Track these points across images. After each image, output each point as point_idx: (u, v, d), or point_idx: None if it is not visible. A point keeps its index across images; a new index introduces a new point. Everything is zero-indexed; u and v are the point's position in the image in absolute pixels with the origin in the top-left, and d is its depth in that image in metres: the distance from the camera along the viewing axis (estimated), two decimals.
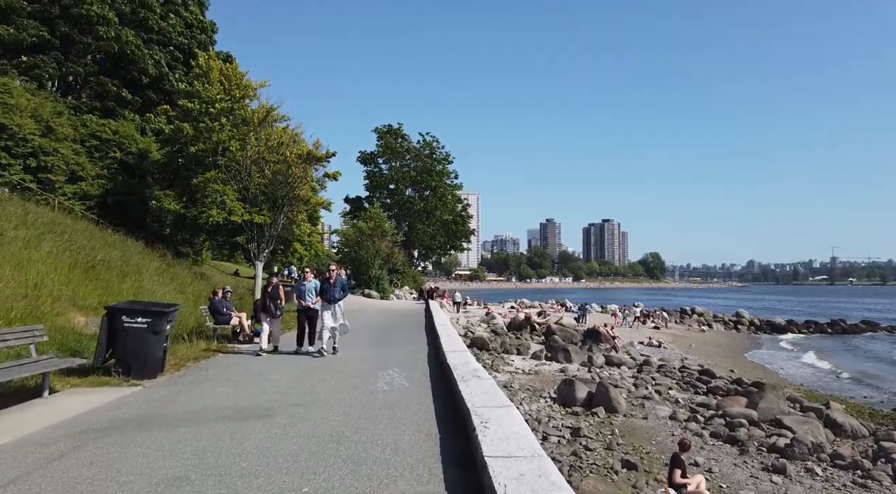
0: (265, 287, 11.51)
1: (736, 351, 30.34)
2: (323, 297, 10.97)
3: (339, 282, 11.07)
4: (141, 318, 7.94)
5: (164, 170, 23.91)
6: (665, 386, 16.96)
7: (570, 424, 12.33)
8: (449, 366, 7.39)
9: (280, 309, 11.48)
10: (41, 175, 20.97)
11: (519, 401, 13.95)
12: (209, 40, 35.09)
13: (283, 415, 6.06)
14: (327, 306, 10.89)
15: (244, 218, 21.26)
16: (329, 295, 10.88)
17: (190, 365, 9.44)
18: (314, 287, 11.40)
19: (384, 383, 7.95)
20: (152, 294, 12.55)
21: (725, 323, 42.91)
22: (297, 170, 21.59)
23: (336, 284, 10.98)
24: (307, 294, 11.44)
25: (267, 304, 11.26)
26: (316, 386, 7.81)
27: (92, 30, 28.10)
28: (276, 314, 11.37)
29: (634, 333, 32.36)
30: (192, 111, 21.54)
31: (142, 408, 6.41)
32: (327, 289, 10.93)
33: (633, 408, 14.17)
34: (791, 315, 53.42)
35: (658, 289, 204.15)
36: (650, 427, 12.34)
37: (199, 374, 8.68)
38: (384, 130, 54.99)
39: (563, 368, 19.42)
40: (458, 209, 57.20)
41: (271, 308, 11.22)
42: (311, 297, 11.38)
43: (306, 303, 11.42)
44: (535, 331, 28.64)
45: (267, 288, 11.53)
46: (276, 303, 11.29)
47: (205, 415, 6.05)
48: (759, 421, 12.31)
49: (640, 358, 22.87)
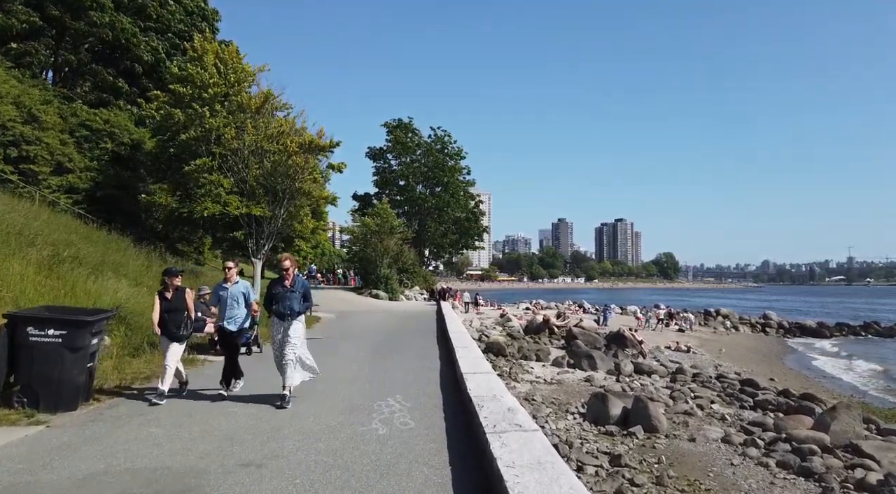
0: (161, 291, 7.19)
1: (769, 356, 28.26)
2: (272, 310, 7.03)
3: (299, 285, 7.12)
4: (53, 330, 5.94)
5: (157, 160, 22.31)
6: (706, 399, 15.05)
7: (607, 448, 10.49)
8: (471, 400, 5.45)
9: (185, 328, 7.23)
10: (23, 166, 19.46)
11: (544, 418, 12.15)
12: (211, 29, 33.55)
13: (220, 489, 4.17)
14: (277, 324, 7.01)
15: (241, 211, 19.64)
16: (282, 305, 6.91)
17: (136, 386, 7.65)
18: (243, 292, 7.42)
19: (380, 421, 6.03)
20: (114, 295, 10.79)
21: (752, 325, 40.66)
22: (299, 160, 19.93)
23: (294, 288, 7.03)
24: (228, 305, 7.33)
25: (164, 319, 7.06)
26: (283, 428, 5.84)
27: (85, 15, 26.64)
28: (176, 334, 7.05)
29: (658, 336, 30.37)
30: (185, 96, 19.94)
31: (18, 467, 4.52)
32: (279, 297, 6.97)
33: (675, 427, 12.30)
34: (815, 316, 50.96)
35: (672, 290, 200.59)
36: (702, 454, 10.46)
37: (134, 404, 6.75)
38: (394, 125, 53.18)
39: (588, 377, 17.62)
40: (471, 206, 55.21)
41: (170, 326, 7.01)
42: (235, 310, 7.33)
43: (224, 325, 7.35)
44: (554, 335, 26.76)
45: (164, 292, 7.15)
46: (178, 318, 7.10)
47: (97, 489, 4.14)
48: (832, 448, 10.40)
49: (671, 365, 20.97)
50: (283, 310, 6.90)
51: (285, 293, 6.94)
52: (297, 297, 7.00)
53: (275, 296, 6.97)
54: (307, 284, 7.39)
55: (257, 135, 20.31)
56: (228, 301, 7.32)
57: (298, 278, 7.21)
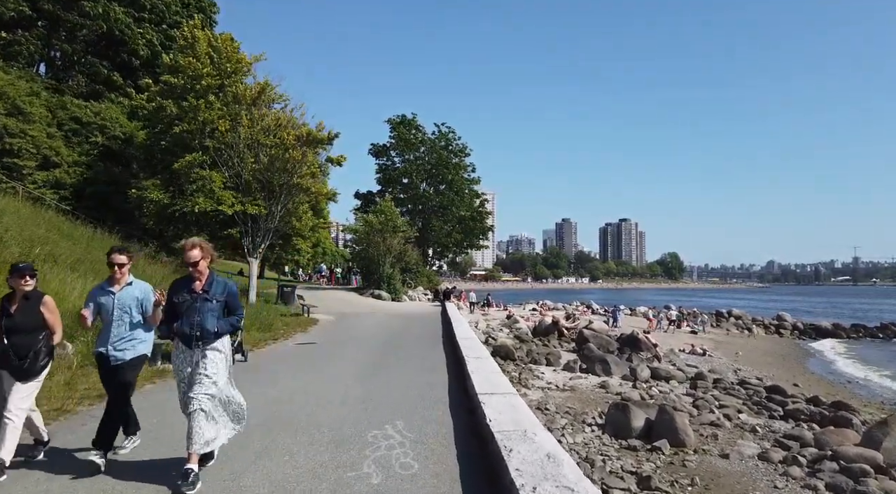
0: (5, 298, 4.53)
1: (788, 359, 27.10)
2: (172, 330, 4.41)
3: (217, 289, 4.48)
4: None
5: (149, 154, 21.26)
6: (733, 408, 13.94)
7: (632, 466, 9.42)
8: (493, 438, 4.04)
9: (37, 358, 4.45)
10: (6, 160, 18.48)
11: (560, 431, 11.09)
12: (209, 21, 32.53)
13: None
14: (182, 353, 4.39)
15: (235, 208, 18.60)
16: (187, 323, 4.30)
17: (81, 409, 6.23)
18: (138, 298, 4.68)
19: (375, 462, 4.55)
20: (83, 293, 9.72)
21: (766, 326, 39.44)
22: (296, 153, 18.88)
23: (210, 293, 4.42)
24: (115, 317, 4.61)
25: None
26: (244, 473, 4.32)
27: (77, 5, 25.67)
28: (20, 367, 4.38)
29: (671, 338, 29.24)
30: (177, 87, 18.91)
31: None
32: (184, 308, 4.34)
33: (703, 441, 11.23)
34: (824, 317, 49.66)
35: (676, 290, 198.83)
36: (739, 474, 9.36)
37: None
38: (397, 121, 51.98)
39: (602, 383, 16.56)
40: (476, 204, 53.96)
41: (10, 354, 4.36)
42: (124, 327, 4.62)
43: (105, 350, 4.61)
44: (564, 337, 25.66)
45: (6, 301, 4.51)
46: (25, 343, 4.41)
47: None
48: (887, 468, 9.30)
49: (689, 369, 19.87)
50: (187, 330, 4.22)
51: (193, 302, 4.28)
52: (215, 309, 4.34)
53: (176, 307, 4.31)
54: (233, 287, 4.59)
55: (253, 127, 19.28)
56: (114, 312, 4.57)
57: (216, 278, 4.51)
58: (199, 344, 4.27)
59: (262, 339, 12.71)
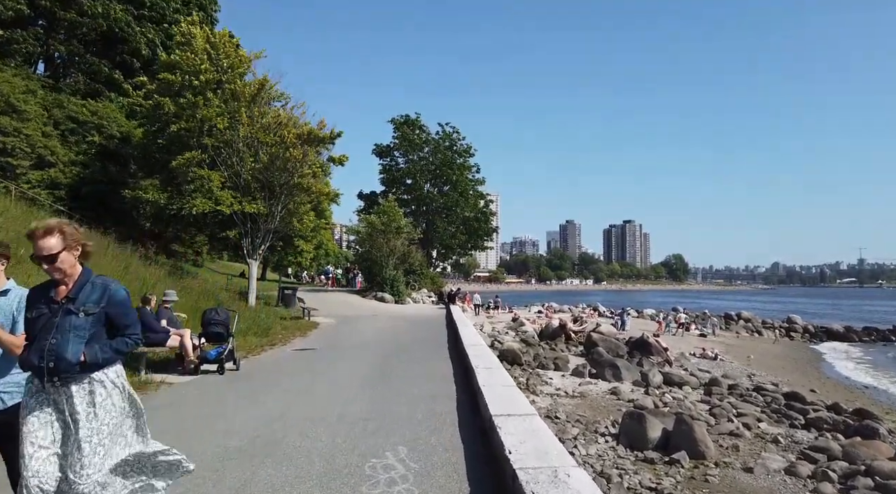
0: None
1: (802, 363, 26.40)
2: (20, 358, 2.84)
3: (91, 297, 2.86)
4: None
5: (146, 153, 20.75)
6: (751, 417, 13.29)
7: (651, 482, 8.81)
8: (515, 476, 3.26)
9: None
10: None
11: (572, 442, 10.50)
12: (209, 19, 32.08)
13: None
14: (37, 394, 2.81)
15: (234, 208, 18.08)
16: (38, 348, 2.75)
17: None
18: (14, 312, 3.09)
19: None
20: None
21: (776, 329, 38.72)
22: (297, 152, 18.36)
23: (76, 301, 2.83)
24: None
25: None
26: None
27: (75, 3, 25.23)
28: None
29: (681, 342, 28.57)
30: (174, 84, 18.40)
31: None
32: (37, 325, 2.81)
33: (724, 452, 10.62)
34: (833, 319, 48.85)
35: (681, 291, 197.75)
36: (766, 489, 8.74)
37: None
38: (401, 121, 51.45)
39: (613, 389, 15.98)
40: (481, 205, 53.34)
41: None
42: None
43: None
44: (571, 341, 25.06)
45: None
46: None
47: None
48: None
49: (702, 374, 19.24)
50: (36, 361, 2.74)
51: (51, 318, 2.81)
52: (83, 326, 2.81)
53: (30, 324, 2.86)
54: (119, 292, 2.95)
55: (252, 125, 18.78)
56: None
57: (93, 280, 2.93)
58: (55, 382, 2.75)
59: (258, 345, 12.11)
